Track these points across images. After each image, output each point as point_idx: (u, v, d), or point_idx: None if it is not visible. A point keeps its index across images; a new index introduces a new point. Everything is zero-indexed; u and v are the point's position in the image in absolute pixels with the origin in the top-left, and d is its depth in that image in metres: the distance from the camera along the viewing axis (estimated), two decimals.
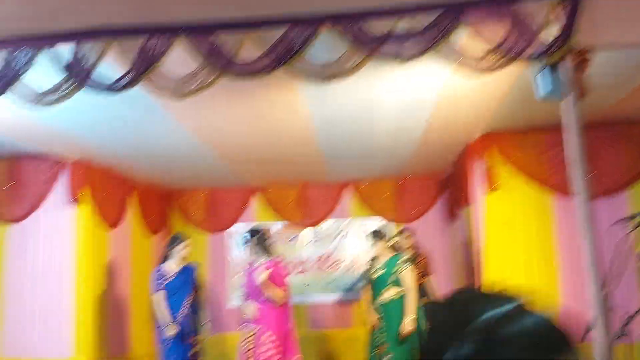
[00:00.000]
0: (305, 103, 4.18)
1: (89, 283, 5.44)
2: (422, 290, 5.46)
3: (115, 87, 3.06)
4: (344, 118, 4.64)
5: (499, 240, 5.28)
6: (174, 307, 4.95)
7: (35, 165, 5.48)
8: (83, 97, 3.66)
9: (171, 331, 4.90)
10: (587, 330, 3.06)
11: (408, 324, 4.73)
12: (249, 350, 4.38)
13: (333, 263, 7.62)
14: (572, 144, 3.15)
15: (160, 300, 4.97)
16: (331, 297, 7.52)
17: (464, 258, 6.62)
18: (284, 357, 4.35)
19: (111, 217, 5.96)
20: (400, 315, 4.81)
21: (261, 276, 4.24)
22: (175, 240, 5.11)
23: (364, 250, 7.37)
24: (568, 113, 3.12)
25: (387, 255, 4.98)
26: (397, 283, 4.86)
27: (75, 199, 5.40)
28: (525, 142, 5.30)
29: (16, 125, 4.39)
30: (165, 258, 5.10)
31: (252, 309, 4.38)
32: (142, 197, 6.81)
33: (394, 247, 5.11)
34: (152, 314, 5.22)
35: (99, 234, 5.77)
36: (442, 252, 7.45)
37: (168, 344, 4.91)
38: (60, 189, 5.47)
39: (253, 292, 4.45)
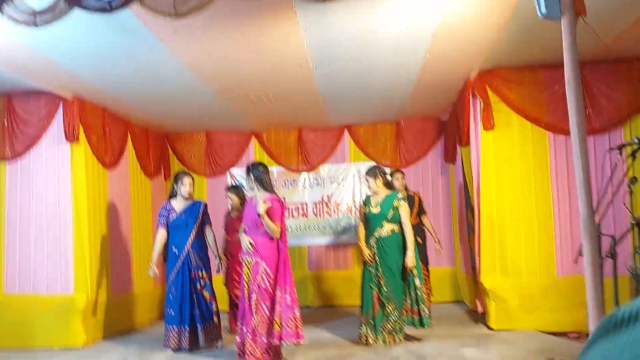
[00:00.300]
0: (302, 34, 4.13)
1: (87, 221, 5.50)
2: (417, 229, 5.55)
3: (110, 5, 3.02)
4: (341, 52, 4.59)
5: (496, 177, 5.34)
6: (179, 242, 5.05)
7: (31, 103, 5.46)
8: (77, 26, 3.63)
9: (150, 272, 5.07)
10: (579, 253, 3.16)
11: (410, 258, 4.81)
12: (246, 281, 4.46)
13: (332, 206, 7.71)
14: (569, 67, 3.14)
15: (158, 236, 5.06)
16: (329, 240, 7.65)
17: (462, 197, 6.70)
18: (279, 290, 4.42)
19: (107, 157, 5.98)
20: (397, 250, 4.89)
21: (260, 208, 4.29)
22: (177, 178, 5.17)
23: (362, 194, 7.46)
24: (567, 34, 3.10)
25: (384, 193, 5.02)
26: (393, 220, 4.92)
27: (69, 138, 5.40)
28: (523, 80, 5.29)
29: (11, 56, 4.34)
30: (172, 195, 5.18)
31: (249, 241, 4.45)
32: (138, 140, 6.81)
33: (389, 185, 5.15)
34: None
35: (97, 174, 5.79)
36: (440, 193, 7.54)
37: (170, 279, 5.01)
38: (55, 127, 5.47)
39: (251, 226, 4.51)
